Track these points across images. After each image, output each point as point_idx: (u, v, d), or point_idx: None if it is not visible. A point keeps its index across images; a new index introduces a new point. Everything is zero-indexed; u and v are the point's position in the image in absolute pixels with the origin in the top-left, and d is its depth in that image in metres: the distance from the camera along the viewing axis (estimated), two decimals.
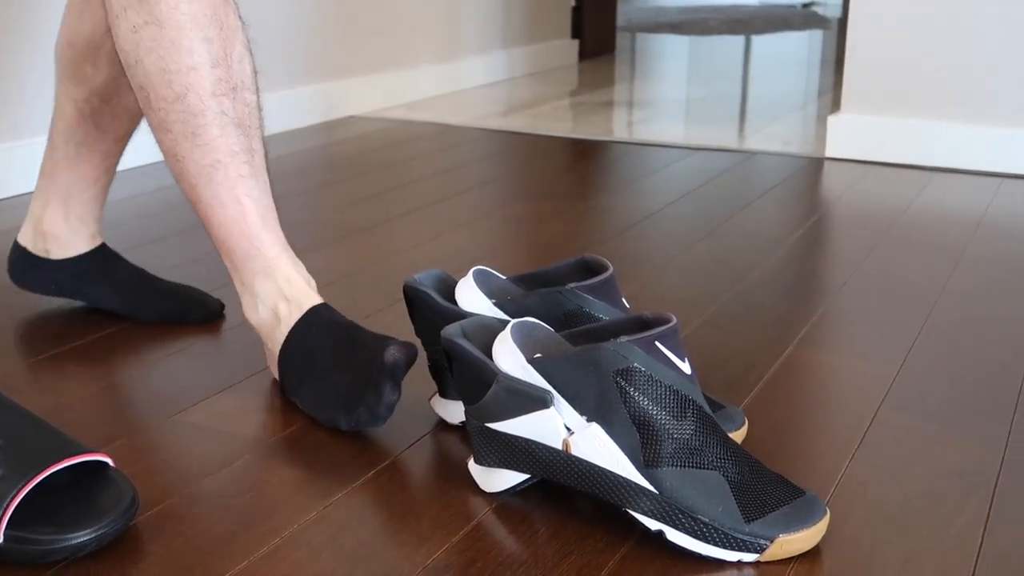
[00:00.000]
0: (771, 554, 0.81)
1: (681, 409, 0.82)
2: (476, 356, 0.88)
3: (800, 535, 0.81)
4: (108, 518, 0.81)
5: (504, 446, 0.88)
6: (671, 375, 0.83)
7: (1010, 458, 0.98)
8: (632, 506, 0.83)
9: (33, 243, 1.31)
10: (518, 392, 0.85)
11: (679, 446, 0.82)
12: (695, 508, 0.81)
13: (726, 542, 0.81)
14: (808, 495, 0.84)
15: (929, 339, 1.26)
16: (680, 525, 0.81)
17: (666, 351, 0.83)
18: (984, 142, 2.11)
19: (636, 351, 0.82)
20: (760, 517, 0.81)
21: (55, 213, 1.29)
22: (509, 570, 0.80)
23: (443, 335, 0.90)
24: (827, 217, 1.79)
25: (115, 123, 1.26)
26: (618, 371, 0.82)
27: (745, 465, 0.84)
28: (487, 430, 0.88)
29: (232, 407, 1.07)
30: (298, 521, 0.87)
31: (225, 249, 1.07)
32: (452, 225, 1.71)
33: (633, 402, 0.82)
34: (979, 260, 1.55)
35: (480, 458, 0.90)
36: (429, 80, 2.96)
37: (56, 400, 1.08)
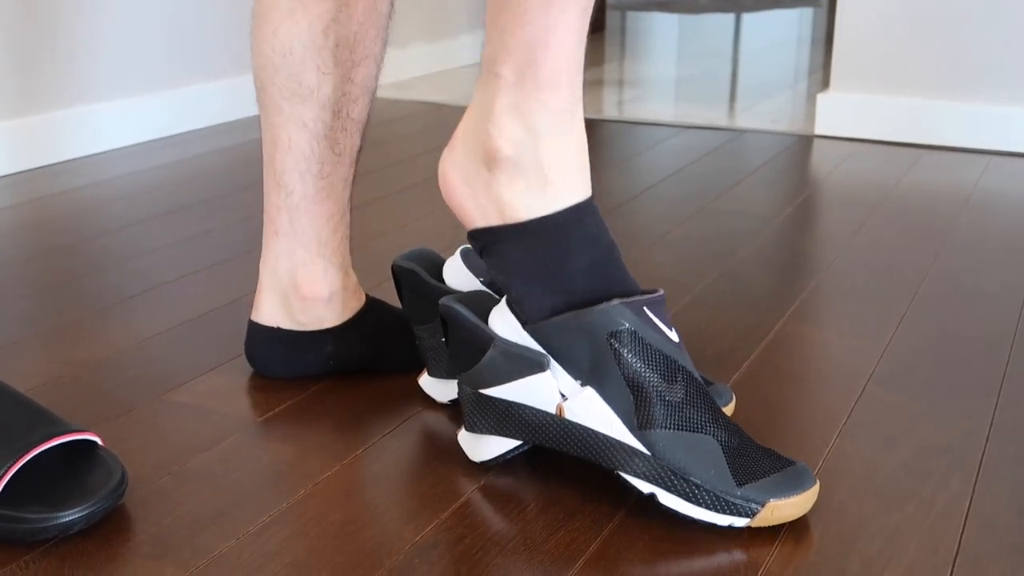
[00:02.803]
0: (762, 519, 0.81)
1: (671, 373, 0.83)
2: (474, 322, 0.88)
3: (791, 500, 0.81)
4: (97, 497, 0.81)
5: (497, 412, 0.88)
6: (660, 339, 0.84)
7: (995, 433, 0.98)
8: (625, 468, 0.83)
9: (291, 317, 1.06)
10: (515, 356, 0.85)
11: (671, 409, 0.82)
12: (688, 470, 0.81)
13: (718, 505, 0.81)
14: (798, 464, 0.85)
15: (916, 315, 1.26)
16: (672, 487, 0.82)
17: (654, 318, 0.84)
18: (973, 120, 2.11)
19: (628, 313, 0.83)
20: (752, 481, 0.82)
21: (312, 270, 1.05)
22: (498, 546, 0.81)
23: (441, 303, 0.89)
24: (816, 195, 1.80)
25: (349, 140, 1.06)
26: (611, 333, 0.82)
27: (735, 434, 0.84)
28: (480, 396, 0.88)
29: (221, 386, 1.07)
30: (287, 499, 0.87)
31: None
32: (441, 205, 1.70)
33: (626, 364, 0.82)
34: (967, 237, 1.56)
35: (471, 425, 0.90)
36: (418, 59, 2.95)
37: (45, 380, 1.08)
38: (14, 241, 1.54)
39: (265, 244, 1.07)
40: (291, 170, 1.03)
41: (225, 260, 1.44)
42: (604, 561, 0.79)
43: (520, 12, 0.80)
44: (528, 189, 0.84)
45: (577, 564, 0.79)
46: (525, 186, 0.84)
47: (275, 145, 1.03)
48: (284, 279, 1.05)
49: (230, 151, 2.07)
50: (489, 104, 0.84)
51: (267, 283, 1.06)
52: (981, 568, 0.79)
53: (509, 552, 0.80)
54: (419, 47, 2.96)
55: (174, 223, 1.61)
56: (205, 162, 1.99)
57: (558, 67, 0.82)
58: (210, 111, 2.29)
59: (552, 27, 0.81)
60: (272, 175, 1.04)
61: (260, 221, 1.04)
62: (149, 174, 1.90)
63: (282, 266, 1.05)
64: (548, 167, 0.84)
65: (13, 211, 1.68)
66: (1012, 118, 2.08)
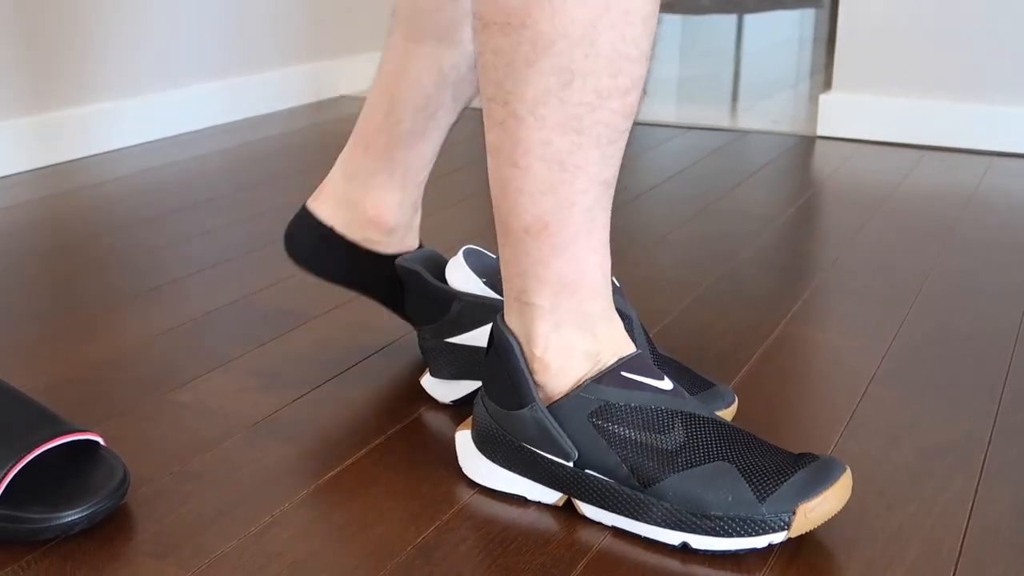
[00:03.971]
0: (799, 526, 0.78)
1: (666, 423, 0.81)
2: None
3: (822, 497, 0.78)
4: (99, 496, 0.81)
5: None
6: (648, 396, 0.82)
7: (998, 433, 0.98)
8: (644, 518, 0.81)
9: (347, 226, 1.07)
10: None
11: (671, 456, 0.80)
12: (705, 505, 0.78)
13: (747, 529, 0.78)
14: (821, 457, 0.81)
15: (919, 315, 1.26)
16: (698, 527, 0.79)
17: (636, 376, 0.83)
18: (975, 120, 2.11)
19: (604, 389, 0.82)
20: (774, 492, 0.78)
21: (388, 197, 1.06)
22: (499, 548, 0.81)
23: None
24: (818, 195, 1.80)
25: (467, 93, 1.06)
26: (592, 413, 0.81)
27: (746, 446, 0.81)
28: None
29: (223, 386, 1.07)
30: (289, 499, 0.87)
31: None
32: (442, 204, 1.71)
33: (613, 435, 0.81)
34: (969, 237, 1.55)
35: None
36: None
37: (47, 380, 1.08)
38: (16, 240, 1.54)
39: (350, 152, 1.07)
40: (408, 102, 1.03)
41: (228, 260, 1.44)
42: (606, 562, 0.79)
43: (549, 250, 0.81)
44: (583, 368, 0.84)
45: (580, 565, 0.79)
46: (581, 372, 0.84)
47: (401, 74, 1.03)
48: (357, 191, 1.06)
49: (233, 151, 2.07)
50: (526, 331, 0.84)
51: (340, 186, 1.07)
52: (983, 569, 0.79)
53: (511, 553, 0.80)
54: None
55: (178, 222, 1.61)
56: (208, 162, 1.99)
57: (595, 281, 0.83)
58: (212, 110, 2.29)
59: (584, 254, 0.82)
60: (385, 96, 1.04)
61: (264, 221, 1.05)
62: (154, 173, 1.90)
63: (360, 180, 1.06)
64: (599, 352, 0.84)
65: (14, 211, 1.68)
66: (1013, 119, 2.08)
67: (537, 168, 0.78)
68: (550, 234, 0.81)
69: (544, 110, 0.77)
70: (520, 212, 0.81)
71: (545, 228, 0.80)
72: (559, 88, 0.76)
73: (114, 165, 1.96)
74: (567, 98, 0.76)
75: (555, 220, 0.80)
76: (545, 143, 0.78)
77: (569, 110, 0.76)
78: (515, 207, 0.81)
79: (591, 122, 0.77)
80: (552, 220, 0.80)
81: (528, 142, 0.78)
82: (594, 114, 0.77)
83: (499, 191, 0.82)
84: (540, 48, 0.75)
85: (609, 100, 0.77)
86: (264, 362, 1.12)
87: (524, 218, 0.81)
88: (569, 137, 0.77)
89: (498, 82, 0.78)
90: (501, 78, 0.78)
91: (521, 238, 0.82)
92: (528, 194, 0.80)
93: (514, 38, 0.76)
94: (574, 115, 0.77)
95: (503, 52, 0.77)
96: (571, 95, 0.76)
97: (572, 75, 0.75)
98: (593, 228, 0.82)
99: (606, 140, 0.78)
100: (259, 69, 2.43)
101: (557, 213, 0.80)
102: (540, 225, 0.80)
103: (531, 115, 0.77)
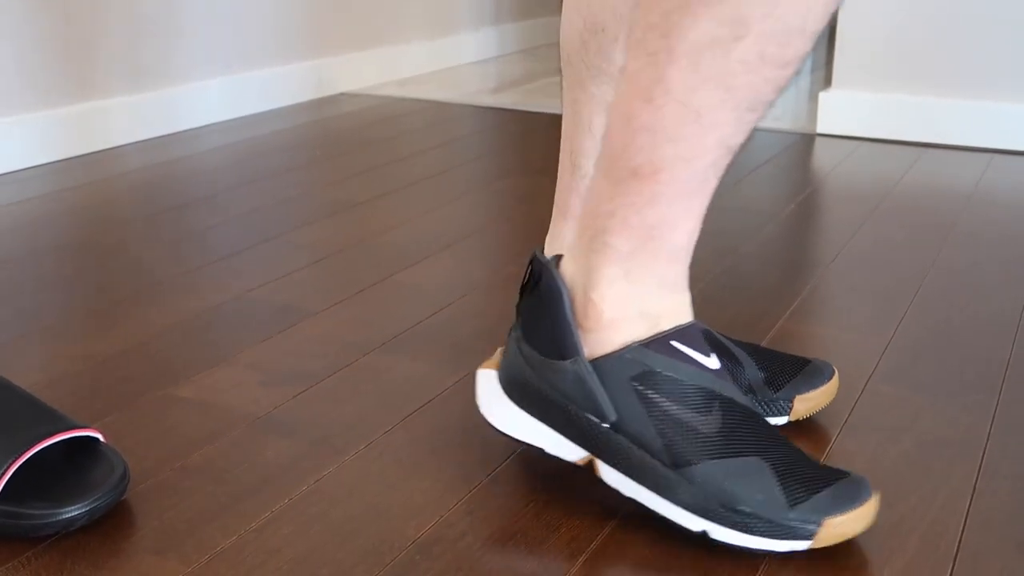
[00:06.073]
0: (822, 539, 0.77)
1: (706, 403, 0.79)
2: (569, 319, 0.81)
3: (849, 516, 0.77)
4: (99, 492, 0.81)
5: (545, 399, 0.83)
6: (693, 371, 0.80)
7: (997, 428, 0.98)
8: (670, 495, 0.79)
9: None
10: (586, 390, 0.81)
11: (706, 441, 0.78)
12: (734, 498, 0.77)
13: (772, 531, 0.77)
14: (852, 475, 0.80)
15: (919, 312, 1.26)
16: (722, 519, 0.77)
17: (686, 349, 0.80)
18: (975, 117, 2.11)
19: (650, 353, 0.79)
20: (805, 500, 0.77)
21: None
22: (499, 543, 0.81)
23: (538, 259, 0.83)
24: (818, 192, 1.80)
25: None
26: (634, 376, 0.79)
27: (781, 448, 0.80)
28: (535, 379, 0.83)
29: (224, 381, 1.07)
30: (289, 495, 0.87)
31: None
32: (442, 201, 1.71)
33: (653, 404, 0.79)
34: (969, 234, 1.55)
35: (512, 392, 0.85)
36: (420, 57, 2.95)
37: (47, 375, 1.08)
38: (15, 237, 1.54)
39: (553, 224, 1.01)
40: (588, 152, 0.96)
41: (229, 255, 1.44)
42: (606, 558, 0.79)
43: (649, 197, 0.77)
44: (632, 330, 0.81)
45: (579, 561, 0.79)
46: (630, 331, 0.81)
47: (575, 124, 0.97)
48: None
49: (233, 147, 2.08)
50: (589, 272, 0.80)
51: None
52: (982, 564, 0.79)
53: (511, 549, 0.80)
54: (422, 45, 2.96)
55: (179, 218, 1.61)
56: (208, 159, 1.99)
57: (681, 245, 0.80)
58: (213, 106, 2.29)
59: (682, 214, 0.78)
60: (568, 155, 0.99)
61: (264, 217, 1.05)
62: (154, 170, 1.90)
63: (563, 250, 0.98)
64: (659, 316, 0.81)
65: (13, 209, 1.69)
66: (1014, 116, 2.08)
67: (671, 110, 0.74)
68: (658, 181, 0.76)
69: (702, 56, 0.72)
70: (635, 151, 0.76)
71: (656, 173, 0.76)
72: (728, 39, 0.71)
73: (114, 162, 1.96)
74: (730, 52, 0.72)
75: (669, 169, 0.76)
76: (690, 89, 0.73)
77: (728, 65, 0.72)
78: (631, 144, 0.76)
79: (743, 83, 0.73)
80: (666, 168, 0.76)
81: (671, 81, 0.73)
82: (748, 75, 0.73)
83: (619, 124, 0.77)
84: None
85: (768, 67, 0.73)
86: (265, 358, 1.12)
87: (637, 158, 0.76)
88: (716, 92, 0.73)
89: (666, 12, 0.73)
90: (671, 8, 0.72)
91: (624, 178, 0.77)
92: (652, 133, 0.75)
93: None
94: (729, 71, 0.72)
95: None
96: (734, 50, 0.72)
97: (746, 31, 0.71)
98: (701, 191, 0.77)
99: (747, 106, 0.74)
100: (260, 66, 2.43)
101: (674, 163, 0.75)
102: (651, 169, 0.76)
103: (686, 56, 0.72)
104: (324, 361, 1.12)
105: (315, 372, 1.09)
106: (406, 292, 1.31)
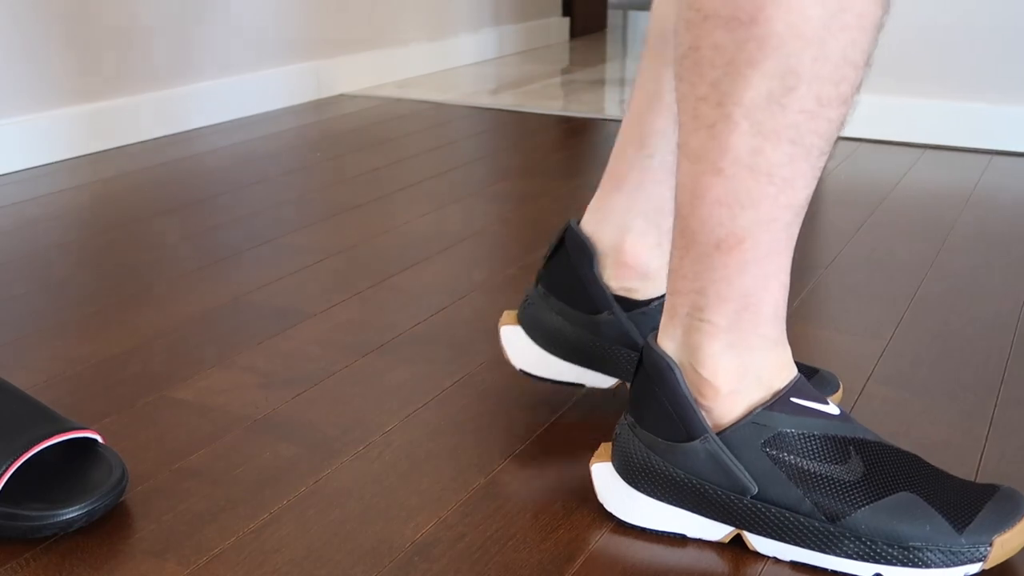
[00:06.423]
0: (994, 558, 0.76)
1: (842, 452, 0.77)
2: (689, 398, 0.79)
3: (1016, 531, 0.76)
4: (98, 494, 0.81)
5: (676, 483, 0.80)
6: (818, 422, 0.78)
7: (995, 431, 0.98)
8: (836, 551, 0.77)
9: (606, 277, 0.98)
10: (722, 468, 0.78)
11: (856, 489, 0.76)
12: (903, 537, 0.75)
13: (947, 560, 0.75)
14: (1003, 488, 0.79)
15: (917, 314, 1.26)
16: (895, 559, 0.76)
17: (804, 402, 0.79)
18: (974, 119, 2.11)
19: (776, 416, 0.78)
20: (970, 522, 0.75)
21: (645, 239, 0.97)
22: (497, 544, 0.81)
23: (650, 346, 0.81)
24: (817, 194, 1.80)
25: None
26: (765, 442, 0.77)
27: (924, 474, 0.78)
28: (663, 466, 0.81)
29: (222, 383, 1.07)
30: (287, 496, 0.87)
31: None
32: (442, 203, 1.71)
33: (790, 466, 0.77)
34: (968, 236, 1.56)
35: (636, 482, 0.82)
36: (420, 58, 2.96)
37: (46, 377, 1.08)
38: (11, 239, 1.54)
39: (600, 195, 0.99)
40: (660, 133, 0.94)
41: (227, 257, 1.44)
42: (605, 559, 0.79)
43: (738, 267, 0.76)
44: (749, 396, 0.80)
45: (577, 562, 0.79)
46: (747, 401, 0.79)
47: (652, 101, 0.94)
48: (608, 236, 0.97)
49: (231, 149, 2.08)
50: (693, 351, 0.79)
51: (589, 232, 0.98)
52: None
53: (509, 550, 0.80)
54: (420, 46, 2.96)
55: (176, 220, 1.61)
56: (206, 160, 1.99)
57: (777, 304, 0.79)
58: (211, 108, 2.29)
59: (773, 273, 0.77)
60: (636, 130, 0.96)
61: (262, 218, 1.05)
62: (152, 172, 1.90)
63: (612, 223, 0.97)
64: (769, 379, 0.79)
65: (8, 210, 1.69)
66: (1013, 118, 2.08)
67: (743, 178, 0.73)
68: (743, 250, 0.75)
69: (761, 115, 0.71)
70: (714, 225, 0.75)
71: (740, 244, 0.75)
72: (782, 93, 0.70)
73: (112, 164, 1.96)
74: (788, 104, 0.71)
75: (752, 236, 0.75)
76: (756, 151, 0.72)
77: (788, 118, 0.71)
78: (709, 219, 0.75)
79: (807, 131, 0.71)
80: (749, 236, 0.75)
81: (738, 149, 0.72)
82: (812, 123, 0.71)
83: (692, 200, 0.76)
84: (768, 48, 0.69)
85: (828, 109, 0.71)
86: (263, 359, 1.12)
87: (717, 232, 0.75)
88: (783, 147, 0.72)
89: (714, 81, 0.72)
90: (718, 77, 0.72)
91: (709, 252, 0.76)
92: (728, 206, 0.74)
93: (740, 35, 0.70)
94: (792, 123, 0.71)
95: (724, 49, 0.71)
96: (793, 101, 0.70)
97: (798, 80, 0.70)
98: (787, 248, 0.77)
99: (817, 152, 0.73)
100: (259, 67, 2.43)
101: (755, 228, 0.74)
102: (734, 240, 0.75)
103: (746, 119, 0.71)
104: (321, 363, 1.12)
105: (313, 374, 1.09)
106: (404, 294, 1.32)
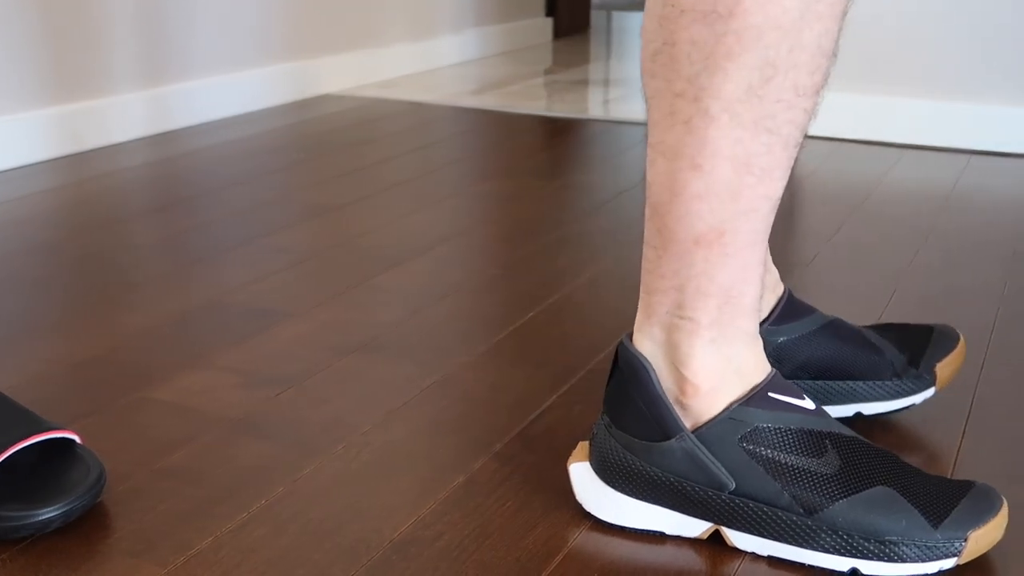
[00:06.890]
0: (968, 553, 0.76)
1: (818, 445, 0.78)
2: (663, 398, 0.79)
3: (990, 526, 0.76)
4: (75, 494, 0.81)
5: (651, 481, 0.80)
6: (794, 417, 0.78)
7: (971, 428, 0.99)
8: (813, 546, 0.77)
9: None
10: (699, 465, 0.78)
11: (832, 482, 0.77)
12: (880, 530, 0.76)
13: (922, 555, 0.76)
14: (978, 484, 0.79)
15: (896, 312, 1.27)
16: (871, 554, 0.76)
17: (781, 396, 0.79)
18: (953, 119, 2.12)
19: (752, 411, 0.78)
20: (946, 518, 0.76)
21: None
22: (475, 543, 0.81)
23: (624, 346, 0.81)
24: (798, 193, 1.80)
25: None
26: (741, 437, 0.78)
27: (900, 470, 0.79)
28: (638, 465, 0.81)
29: (200, 383, 1.07)
30: (265, 496, 0.87)
31: None
32: (424, 203, 1.71)
33: (767, 461, 0.77)
34: (947, 235, 1.56)
35: (612, 480, 0.82)
36: (402, 59, 2.95)
37: (23, 377, 1.08)
38: None
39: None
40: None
41: (207, 257, 1.44)
42: (583, 557, 0.79)
43: (719, 261, 0.76)
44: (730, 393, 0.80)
45: (555, 560, 0.79)
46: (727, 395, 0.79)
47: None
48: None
49: (214, 149, 2.07)
50: (675, 350, 0.79)
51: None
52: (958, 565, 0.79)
53: (487, 548, 0.80)
54: (403, 47, 2.96)
55: (157, 220, 1.60)
56: (188, 160, 1.99)
57: (754, 297, 0.79)
58: (194, 108, 2.28)
59: (752, 265, 0.78)
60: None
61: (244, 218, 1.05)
62: (133, 172, 1.89)
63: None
64: (747, 374, 0.79)
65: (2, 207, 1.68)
66: (991, 117, 2.09)
67: (723, 170, 0.73)
68: (724, 243, 0.75)
69: (740, 107, 0.71)
70: (693, 220, 0.75)
71: (720, 237, 0.75)
72: (760, 84, 0.71)
73: (92, 165, 1.95)
74: (766, 95, 0.71)
75: (732, 228, 0.75)
76: (736, 142, 0.72)
77: (766, 108, 0.71)
78: (687, 214, 0.75)
79: (784, 121, 0.72)
80: (729, 228, 0.75)
81: (717, 142, 0.72)
82: (788, 113, 0.72)
83: (669, 196, 0.75)
84: (747, 40, 0.70)
85: (803, 99, 0.72)
86: (242, 359, 1.12)
87: (697, 226, 0.75)
88: (761, 137, 0.72)
89: (691, 76, 0.72)
90: (696, 72, 0.71)
91: (688, 249, 0.76)
92: (707, 200, 0.74)
93: (719, 28, 0.70)
94: (769, 114, 0.71)
95: (702, 44, 0.71)
96: (770, 92, 0.71)
97: (775, 70, 0.70)
98: (763, 238, 0.77)
99: (793, 142, 0.74)
100: (242, 67, 2.42)
101: (735, 220, 0.75)
102: (715, 234, 0.75)
103: (725, 112, 0.71)
104: (301, 363, 1.12)
105: (292, 374, 1.09)
106: (385, 295, 1.32)
